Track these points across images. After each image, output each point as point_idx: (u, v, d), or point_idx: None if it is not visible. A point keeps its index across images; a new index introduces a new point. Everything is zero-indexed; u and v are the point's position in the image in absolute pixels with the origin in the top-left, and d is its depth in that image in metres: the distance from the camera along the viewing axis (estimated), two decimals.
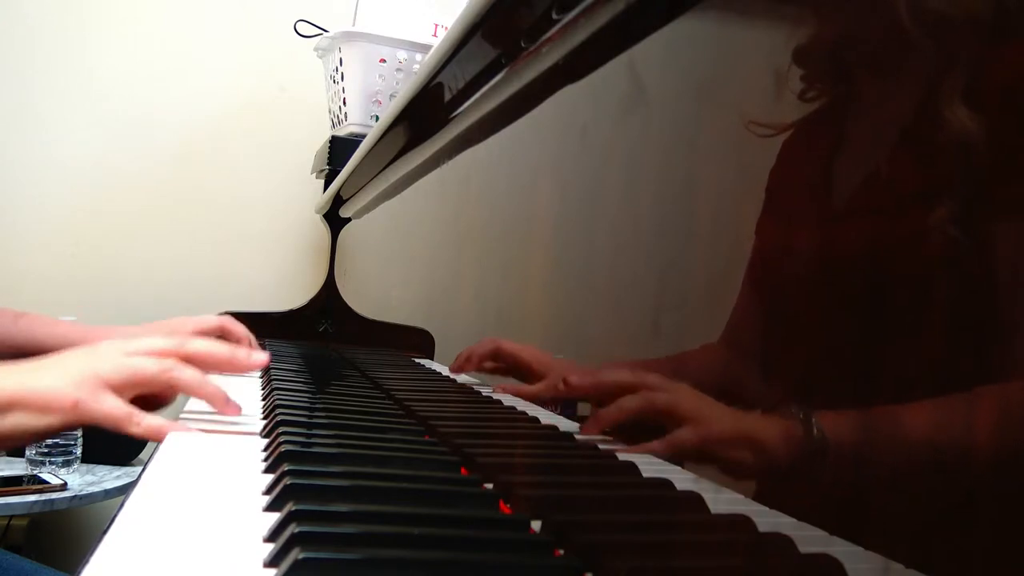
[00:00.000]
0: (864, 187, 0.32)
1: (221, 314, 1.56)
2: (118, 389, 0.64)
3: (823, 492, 0.32)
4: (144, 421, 0.63)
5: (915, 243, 0.28)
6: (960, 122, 0.26)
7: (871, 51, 0.32)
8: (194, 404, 0.81)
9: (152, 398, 0.71)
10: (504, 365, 0.75)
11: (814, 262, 0.34)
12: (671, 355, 0.46)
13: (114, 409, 0.63)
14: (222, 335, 1.02)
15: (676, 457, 0.43)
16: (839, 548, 0.30)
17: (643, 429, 0.46)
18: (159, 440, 0.63)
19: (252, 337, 1.07)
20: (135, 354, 0.66)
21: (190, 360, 0.68)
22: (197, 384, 0.67)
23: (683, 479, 0.42)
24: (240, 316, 1.60)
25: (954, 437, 0.26)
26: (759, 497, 0.36)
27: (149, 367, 0.65)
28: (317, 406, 0.78)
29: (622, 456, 0.48)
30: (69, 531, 1.83)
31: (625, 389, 0.48)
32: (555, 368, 0.61)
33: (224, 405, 0.69)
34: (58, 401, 0.61)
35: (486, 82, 0.71)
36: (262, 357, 0.71)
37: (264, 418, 0.75)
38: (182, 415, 0.76)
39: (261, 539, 0.40)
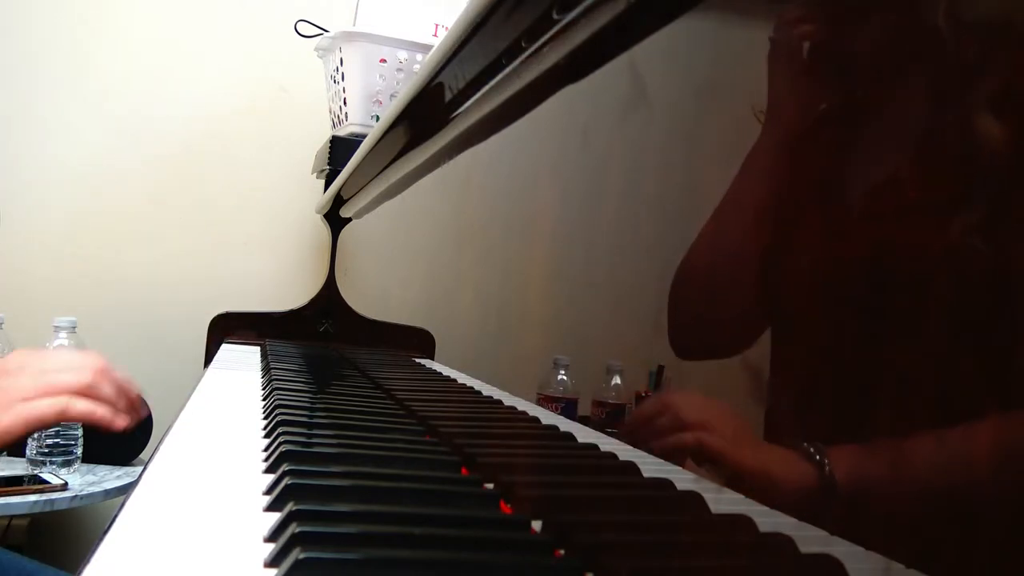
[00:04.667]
0: (871, 192, 0.32)
1: (219, 315, 1.57)
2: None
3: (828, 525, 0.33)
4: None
5: (927, 250, 0.28)
6: (975, 127, 0.26)
7: (880, 53, 0.32)
8: (198, 401, 0.81)
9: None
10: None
11: (820, 267, 0.34)
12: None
13: (36, 409, 0.68)
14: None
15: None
16: (839, 548, 0.30)
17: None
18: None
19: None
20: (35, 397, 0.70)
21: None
22: (88, 412, 0.70)
23: (683, 479, 0.42)
24: (240, 316, 1.61)
25: (961, 472, 0.26)
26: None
27: (46, 409, 0.69)
28: (318, 406, 0.78)
29: (623, 456, 0.48)
30: (70, 531, 1.83)
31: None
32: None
33: (111, 421, 0.72)
34: None
35: (486, 82, 0.71)
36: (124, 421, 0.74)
37: (264, 418, 0.75)
38: (183, 414, 0.76)
39: (262, 539, 0.40)
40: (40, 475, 1.40)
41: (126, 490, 0.76)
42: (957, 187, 0.27)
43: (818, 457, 0.33)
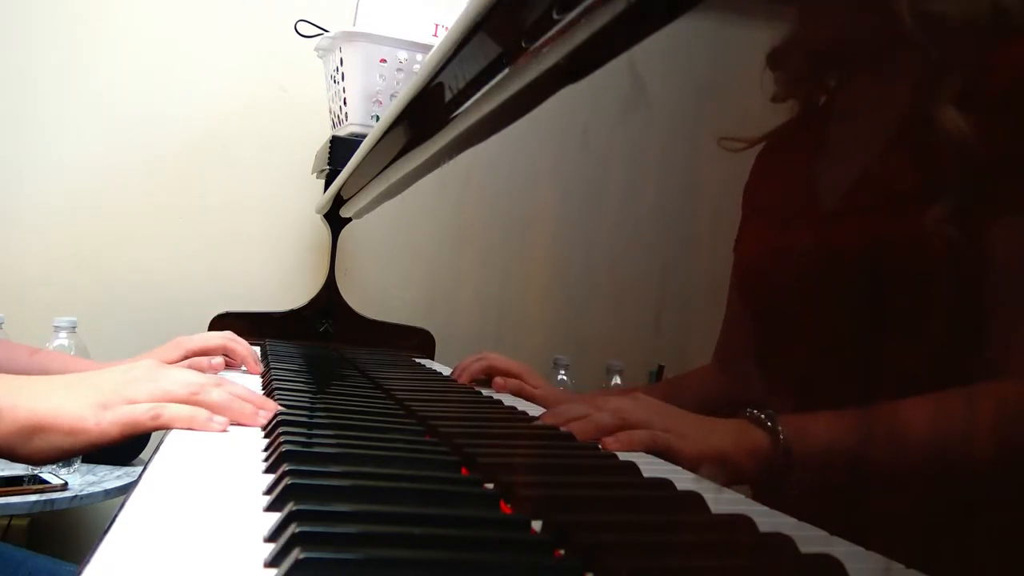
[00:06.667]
0: (859, 188, 0.32)
1: (219, 315, 1.57)
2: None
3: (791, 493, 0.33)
4: (167, 412, 0.66)
5: (907, 244, 0.28)
6: (951, 123, 0.26)
7: (867, 52, 0.33)
8: None
9: None
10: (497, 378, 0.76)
11: (810, 264, 0.34)
12: (668, 380, 0.46)
13: (132, 414, 0.66)
14: (225, 354, 1.03)
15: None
16: (839, 548, 0.30)
17: None
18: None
19: (255, 353, 1.08)
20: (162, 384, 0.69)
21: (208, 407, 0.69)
22: (179, 415, 0.68)
23: (683, 479, 0.42)
24: (240, 316, 1.61)
25: (937, 438, 0.26)
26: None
27: (142, 415, 0.67)
28: (318, 406, 0.78)
29: (622, 456, 0.48)
30: (70, 531, 1.83)
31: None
32: (547, 387, 0.63)
33: (205, 424, 0.69)
34: (85, 424, 0.64)
35: (487, 82, 0.71)
36: (268, 414, 0.71)
37: None
38: None
39: (262, 539, 0.40)
40: (40, 475, 1.40)
41: (126, 490, 0.76)
42: (930, 180, 0.27)
43: (770, 424, 0.33)
